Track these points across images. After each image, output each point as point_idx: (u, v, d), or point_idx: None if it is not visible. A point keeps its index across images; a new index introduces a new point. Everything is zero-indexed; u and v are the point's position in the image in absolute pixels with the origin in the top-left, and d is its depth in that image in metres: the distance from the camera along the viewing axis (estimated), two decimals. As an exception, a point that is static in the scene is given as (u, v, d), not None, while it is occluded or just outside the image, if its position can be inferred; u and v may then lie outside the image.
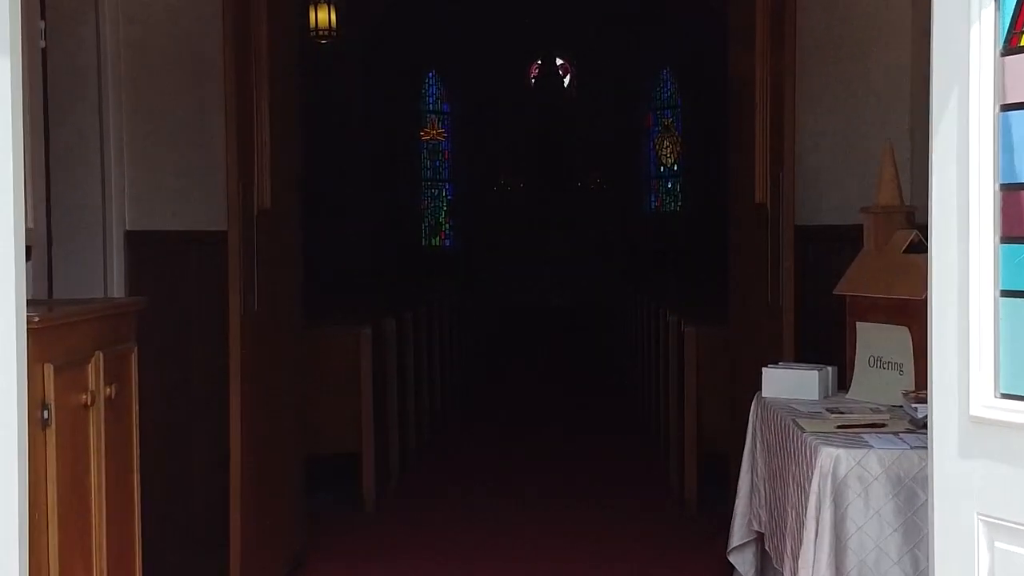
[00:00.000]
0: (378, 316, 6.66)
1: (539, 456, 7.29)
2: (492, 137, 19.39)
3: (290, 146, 4.61)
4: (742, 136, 4.54)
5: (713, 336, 5.66)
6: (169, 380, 4.55)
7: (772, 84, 4.17)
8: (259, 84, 4.23)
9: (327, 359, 5.73)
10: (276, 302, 4.32)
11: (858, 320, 3.61)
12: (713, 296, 9.06)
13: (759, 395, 3.67)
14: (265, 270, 4.19)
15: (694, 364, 5.64)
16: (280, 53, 4.49)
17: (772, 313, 4.12)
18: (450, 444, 7.74)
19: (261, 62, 4.24)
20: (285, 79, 4.57)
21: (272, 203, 4.29)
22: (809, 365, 3.67)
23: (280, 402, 4.47)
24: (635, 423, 8.36)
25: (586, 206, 19.21)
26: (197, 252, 4.57)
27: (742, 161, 4.56)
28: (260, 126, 4.24)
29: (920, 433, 2.98)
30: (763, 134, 4.27)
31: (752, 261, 4.42)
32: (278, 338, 4.37)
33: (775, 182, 4.09)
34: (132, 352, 3.27)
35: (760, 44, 4.27)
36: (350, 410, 5.76)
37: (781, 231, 4.01)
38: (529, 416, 8.89)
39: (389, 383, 6.33)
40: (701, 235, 18.80)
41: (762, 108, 4.28)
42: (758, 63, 4.29)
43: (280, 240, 4.39)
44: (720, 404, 5.63)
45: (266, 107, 4.27)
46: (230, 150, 3.97)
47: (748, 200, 4.43)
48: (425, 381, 7.60)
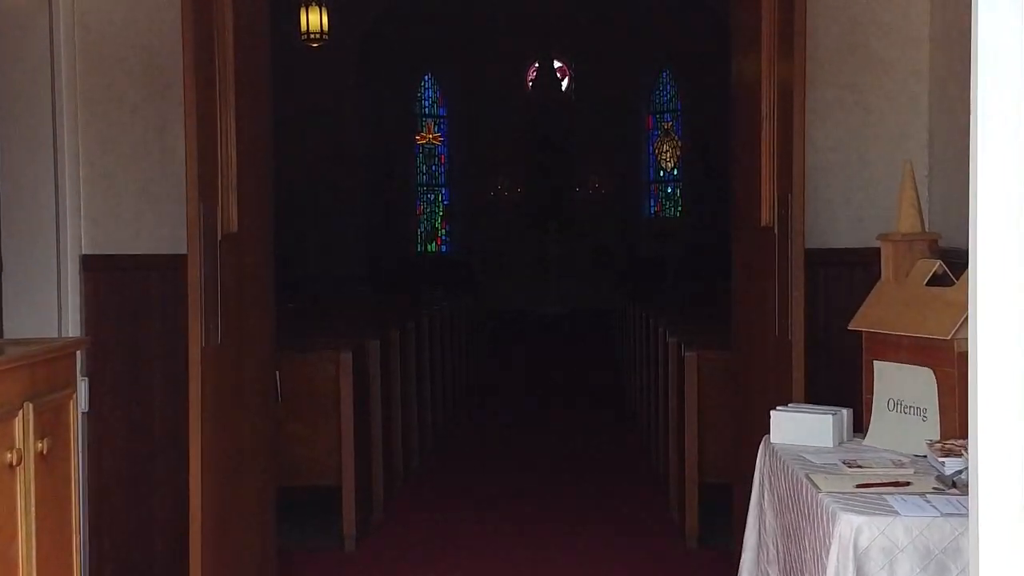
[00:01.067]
0: (363, 334, 6.34)
1: (533, 479, 6.96)
2: (489, 141, 19.05)
3: (260, 164, 4.27)
4: (746, 150, 4.21)
5: (715, 361, 5.34)
6: (130, 415, 4.23)
7: (780, 94, 3.84)
8: (224, 96, 3.89)
9: (305, 385, 5.41)
10: (243, 333, 3.99)
11: (876, 359, 3.28)
12: (714, 312, 8.77)
13: (767, 440, 3.34)
14: (230, 299, 3.86)
15: (695, 390, 5.32)
16: (249, 62, 4.16)
17: (780, 346, 3.79)
18: (439, 468, 7.41)
19: (226, 72, 3.91)
20: (255, 91, 4.24)
21: (239, 226, 3.96)
22: (822, 408, 3.34)
23: (248, 438, 4.14)
24: (634, 445, 8.04)
25: (584, 211, 18.87)
26: (159, 278, 4.25)
27: (746, 178, 4.23)
28: (225, 143, 3.91)
29: (950, 495, 2.66)
30: (769, 150, 3.94)
31: (757, 287, 4.09)
32: (245, 371, 4.04)
33: (783, 203, 3.75)
34: (70, 399, 2.95)
35: (766, 50, 3.95)
36: (330, 439, 5.43)
37: (790, 257, 3.67)
38: (523, 436, 8.54)
39: (373, 408, 6.00)
40: (702, 240, 18.50)
41: (769, 121, 3.95)
42: (764, 71, 3.96)
43: (248, 266, 4.06)
44: (723, 433, 5.32)
45: (232, 122, 3.93)
46: (190, 169, 3.64)
47: (753, 221, 4.10)
48: (414, 403, 7.28)
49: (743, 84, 4.31)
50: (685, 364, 5.34)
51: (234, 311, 3.90)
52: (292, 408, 5.37)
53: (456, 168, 20.72)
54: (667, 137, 20.59)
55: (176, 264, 4.03)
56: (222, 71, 3.91)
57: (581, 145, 19.05)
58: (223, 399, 3.85)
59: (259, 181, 4.25)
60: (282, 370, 5.30)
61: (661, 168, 20.82)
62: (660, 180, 20.87)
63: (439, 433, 8.42)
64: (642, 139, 20.76)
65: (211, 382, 3.74)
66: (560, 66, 19.96)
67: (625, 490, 6.65)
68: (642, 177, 20.71)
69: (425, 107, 20.58)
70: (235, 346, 3.91)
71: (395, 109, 19.47)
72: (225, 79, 3.92)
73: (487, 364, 13.04)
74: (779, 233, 3.80)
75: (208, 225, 3.73)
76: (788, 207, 3.71)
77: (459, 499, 6.48)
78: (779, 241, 3.80)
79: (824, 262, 4.17)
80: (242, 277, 4.01)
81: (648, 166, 20.86)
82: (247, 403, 4.07)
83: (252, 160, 4.17)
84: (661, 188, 20.89)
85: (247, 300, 4.05)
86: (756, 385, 4.09)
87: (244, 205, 4.03)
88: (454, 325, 9.95)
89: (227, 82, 3.92)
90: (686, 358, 5.33)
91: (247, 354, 4.05)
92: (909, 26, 4.15)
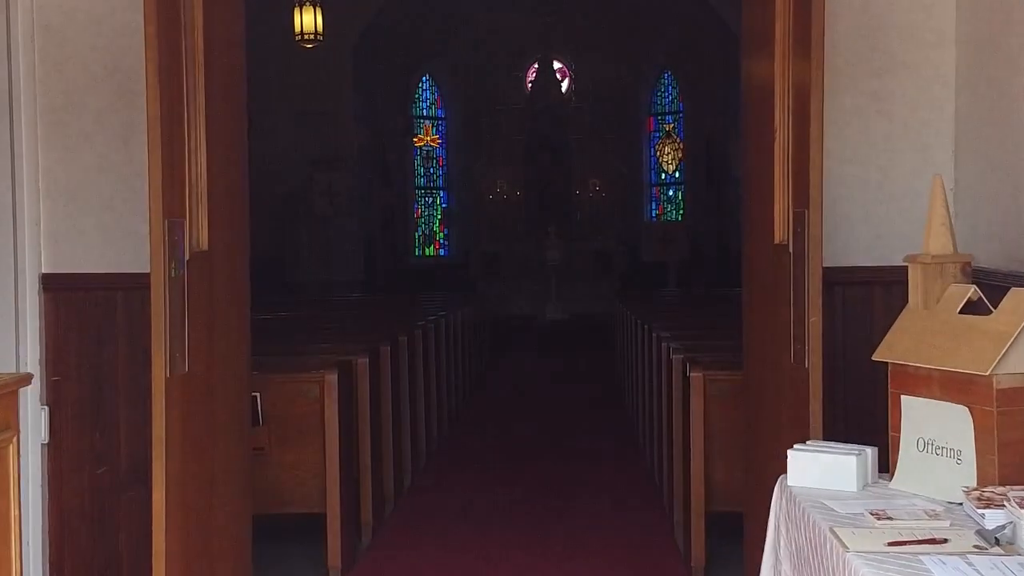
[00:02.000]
0: (354, 347, 6.05)
1: (530, 501, 6.66)
2: (488, 144, 18.75)
3: (235, 175, 3.98)
4: (758, 161, 3.92)
5: (723, 381, 5.04)
6: (94, 445, 3.93)
7: (795, 101, 3.54)
8: (192, 103, 3.60)
9: (288, 408, 5.11)
10: (214, 359, 3.69)
11: (903, 393, 2.98)
12: (717, 320, 8.48)
13: (783, 482, 3.04)
14: (200, 323, 3.57)
15: (701, 413, 5.01)
16: (223, 66, 3.86)
17: (795, 374, 3.49)
18: (433, 488, 7.10)
19: (196, 77, 3.62)
20: (229, 97, 3.94)
21: (210, 243, 3.66)
22: (845, 448, 3.04)
23: (220, 471, 3.84)
24: (636, 463, 7.73)
25: (585, 215, 18.57)
26: (125, 298, 3.96)
27: (758, 190, 3.93)
28: (194, 153, 3.61)
29: (995, 555, 2.36)
30: (784, 161, 3.65)
31: (770, 308, 3.79)
32: (216, 400, 3.74)
33: (799, 219, 3.45)
34: (10, 442, 2.65)
35: (780, 54, 3.65)
36: (315, 465, 5.13)
37: (807, 279, 3.37)
38: (519, 454, 8.19)
39: (362, 429, 5.70)
40: (705, 244, 18.20)
41: (783, 129, 3.65)
42: (778, 76, 3.66)
43: (220, 287, 3.76)
44: (732, 458, 5.02)
45: (202, 130, 3.64)
46: (153, 183, 3.35)
47: (766, 237, 3.80)
48: (407, 420, 6.98)
49: (754, 90, 4.02)
50: (691, 384, 5.04)
51: (203, 336, 3.61)
52: (274, 432, 5.07)
53: (454, 171, 20.43)
54: (668, 139, 20.29)
55: (143, 283, 3.71)
56: (191, 75, 3.62)
57: (581, 147, 18.74)
58: (191, 431, 3.55)
59: (233, 194, 3.95)
60: (263, 392, 5.01)
61: (662, 171, 20.52)
62: (662, 183, 20.57)
63: (433, 451, 8.12)
64: (643, 141, 20.47)
65: (177, 414, 3.45)
66: (560, 67, 19.66)
67: (627, 514, 6.34)
68: (643, 180, 20.41)
69: (423, 109, 20.28)
70: (204, 374, 3.62)
71: (392, 111, 19.18)
72: (195, 84, 3.63)
73: (485, 375, 12.74)
74: (795, 251, 3.50)
75: (174, 244, 3.44)
76: (805, 223, 3.41)
77: (452, 522, 6.17)
78: (795, 260, 3.51)
79: (841, 281, 3.88)
80: (213, 299, 3.71)
81: (649, 168, 20.56)
82: (218, 434, 3.77)
83: (225, 171, 3.87)
84: (662, 191, 20.59)
85: (219, 323, 3.75)
86: (768, 416, 3.79)
87: (216, 220, 3.74)
88: (451, 335, 9.64)
89: (197, 87, 3.63)
90: (692, 378, 5.03)
91: (219, 382, 3.75)
92: (933, 27, 3.85)
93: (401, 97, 19.24)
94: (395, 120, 19.15)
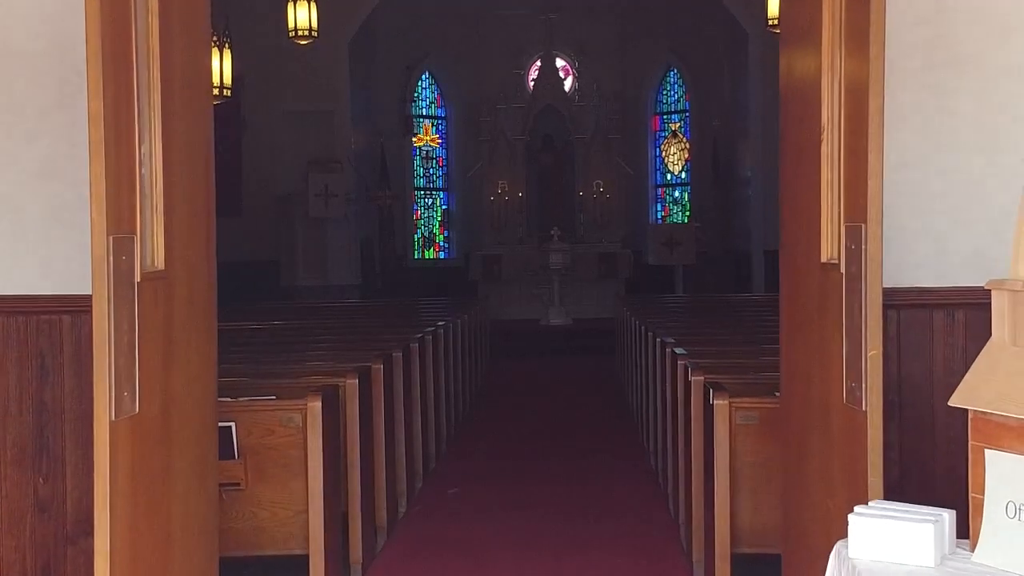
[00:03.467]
0: (344, 365, 5.57)
1: (532, 527, 6.15)
2: (489, 143, 18.24)
3: (199, 184, 3.48)
4: (799, 167, 3.41)
5: (750, 408, 4.54)
6: (37, 493, 3.43)
7: (847, 98, 3.03)
8: (146, 97, 3.10)
9: (267, 437, 4.61)
10: (171, 397, 3.19)
11: (988, 447, 2.48)
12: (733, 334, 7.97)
13: (842, 551, 2.54)
14: (154, 355, 3.07)
15: (727, 445, 4.51)
16: (184, 60, 3.36)
17: (849, 417, 2.99)
18: (430, 515, 6.59)
19: (150, 70, 3.11)
20: (192, 95, 3.44)
21: (168, 262, 3.16)
22: (917, 511, 2.54)
23: (179, 521, 3.33)
24: (647, 483, 7.23)
25: (588, 216, 18.05)
26: (72, 323, 3.45)
27: (800, 201, 3.43)
28: (149, 157, 3.11)
29: None
30: (833, 167, 3.14)
31: (815, 336, 3.28)
32: (175, 443, 3.24)
33: (853, 235, 2.95)
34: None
35: (829, 45, 3.14)
36: (297, 501, 4.63)
37: (864, 305, 2.87)
38: (522, 475, 7.65)
39: (351, 457, 5.21)
40: (712, 248, 17.69)
41: (831, 131, 3.15)
42: (825, 70, 3.16)
43: (179, 311, 3.26)
44: (761, 494, 4.53)
45: (157, 129, 3.14)
46: (95, 192, 2.85)
47: (809, 255, 3.30)
48: (402, 443, 6.48)
49: (795, 87, 3.51)
50: (715, 413, 4.54)
51: (158, 371, 3.11)
52: (251, 466, 4.57)
53: (455, 171, 19.92)
54: (674, 139, 19.77)
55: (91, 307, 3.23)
56: (144, 63, 3.11)
57: (585, 147, 18.22)
58: (143, 482, 3.05)
59: (196, 205, 3.45)
60: (238, 421, 4.52)
61: (668, 171, 20.01)
62: (667, 184, 20.05)
63: (431, 471, 7.61)
64: (648, 141, 19.95)
65: (126, 463, 2.95)
66: (563, 65, 19.14)
67: (641, 545, 5.84)
68: (648, 181, 19.90)
69: (422, 107, 19.77)
70: (159, 415, 3.11)
71: (390, 109, 18.68)
72: (149, 74, 3.12)
73: (486, 386, 12.22)
74: (848, 272, 2.99)
75: (121, 263, 2.93)
76: (861, 240, 2.90)
77: (451, 556, 5.67)
78: (848, 282, 3.00)
79: (896, 304, 3.38)
80: (171, 326, 3.21)
81: (654, 169, 20.05)
82: (176, 483, 3.27)
83: (187, 178, 3.37)
84: (668, 192, 20.07)
85: (178, 355, 3.24)
86: (813, 462, 3.28)
87: (175, 236, 3.24)
88: (451, 347, 9.13)
89: (151, 78, 3.13)
90: (716, 407, 4.52)
91: (177, 423, 3.25)
92: (1001, 12, 3.35)
93: (400, 95, 18.72)
94: (393, 119, 18.63)
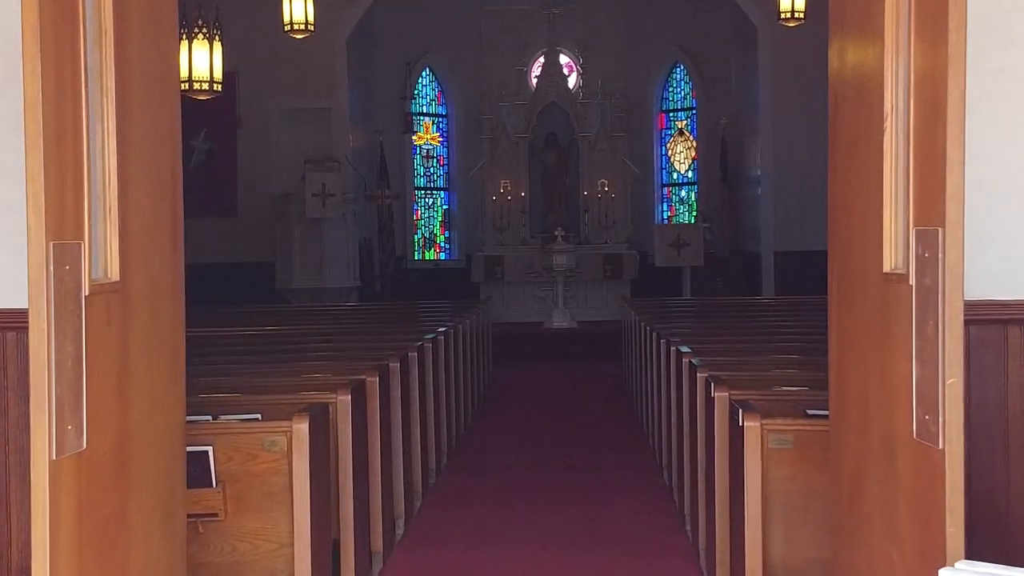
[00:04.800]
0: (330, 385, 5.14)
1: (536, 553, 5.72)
2: (491, 142, 17.78)
3: (163, 184, 3.04)
4: (854, 164, 2.97)
5: (783, 431, 4.10)
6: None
7: (918, 85, 2.59)
8: (98, 82, 2.66)
9: (248, 462, 4.17)
10: (127, 428, 2.75)
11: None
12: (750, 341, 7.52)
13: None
14: (106, 381, 2.63)
15: (759, 473, 4.06)
16: (144, 33, 2.92)
17: (921, 455, 2.55)
18: (429, 538, 6.15)
19: (102, 46, 2.68)
20: (154, 76, 3.00)
21: (124, 273, 2.73)
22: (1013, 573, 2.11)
23: (139, 560, 2.90)
24: (662, 501, 6.79)
25: (593, 216, 17.60)
26: (16, 342, 3.01)
27: (853, 202, 2.99)
28: (101, 152, 2.67)
29: None
30: (897, 163, 2.70)
31: (875, 358, 2.84)
32: (132, 481, 2.80)
33: (926, 240, 2.51)
34: None
35: (893, 26, 2.71)
36: (282, 532, 4.19)
37: (941, 324, 2.43)
38: (526, 494, 7.15)
39: (343, 480, 4.77)
40: (721, 249, 17.24)
41: (894, 123, 2.71)
42: (888, 58, 2.72)
43: (138, 330, 2.82)
44: (796, 526, 4.09)
45: (111, 120, 2.70)
46: (33, 191, 2.42)
47: (867, 262, 2.86)
48: (400, 460, 6.04)
49: (849, 78, 3.07)
50: (745, 437, 4.09)
51: (111, 399, 2.67)
52: (231, 494, 4.13)
53: (456, 171, 19.47)
54: (681, 137, 19.32)
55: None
56: (97, 48, 2.68)
57: (589, 146, 17.75)
58: (91, 527, 2.61)
59: (160, 206, 3.01)
60: (216, 444, 4.08)
61: (674, 170, 19.56)
62: (674, 183, 19.60)
63: (430, 490, 7.17)
64: (654, 139, 19.50)
65: (70, 506, 2.52)
66: (567, 61, 18.69)
67: (657, 573, 5.40)
68: (654, 180, 19.45)
69: (423, 105, 19.32)
70: (112, 450, 2.67)
71: (389, 107, 18.23)
72: (102, 55, 2.69)
73: (488, 395, 11.78)
74: (920, 285, 2.55)
75: (64, 273, 2.50)
76: (937, 247, 2.46)
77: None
78: (919, 297, 2.56)
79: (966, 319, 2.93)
80: (127, 347, 2.77)
81: (660, 168, 19.59)
82: (134, 525, 2.83)
83: (149, 177, 2.93)
84: (674, 192, 19.62)
85: (135, 380, 2.80)
86: (872, 507, 2.84)
87: (133, 241, 2.80)
88: (452, 354, 8.68)
89: (104, 60, 2.69)
90: (747, 429, 4.07)
91: (137, 455, 2.81)
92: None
93: (399, 92, 18.27)
94: (393, 117, 18.18)
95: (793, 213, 15.74)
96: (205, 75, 9.82)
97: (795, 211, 15.73)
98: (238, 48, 14.68)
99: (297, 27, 12.26)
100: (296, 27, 12.27)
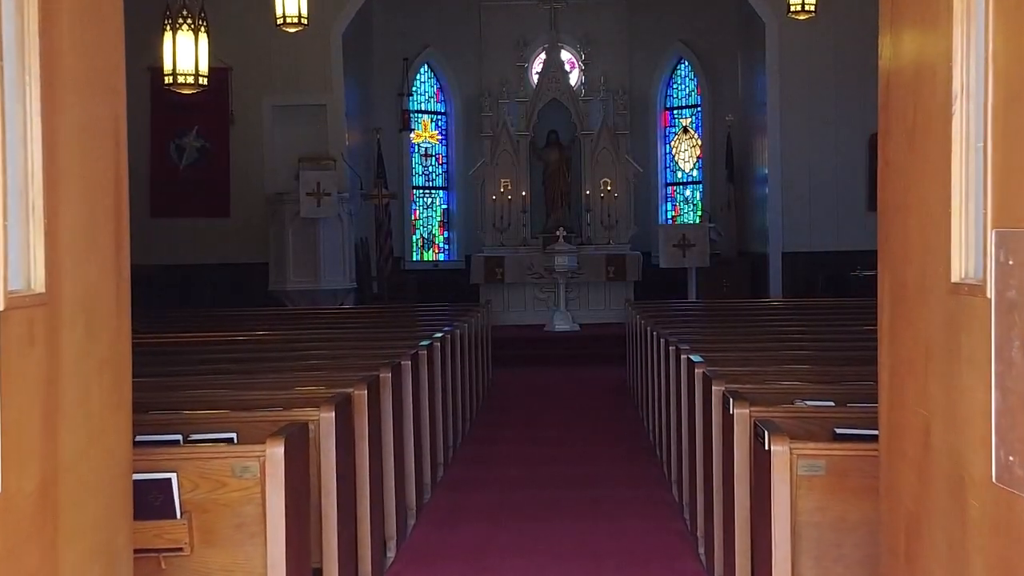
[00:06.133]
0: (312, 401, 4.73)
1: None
2: (491, 140, 17.36)
3: (104, 176, 2.61)
4: (913, 155, 2.55)
5: (815, 456, 3.69)
6: None
7: (999, 63, 2.17)
8: (14, 61, 2.24)
9: (217, 491, 3.75)
10: (56, 464, 2.33)
11: None
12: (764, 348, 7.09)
13: None
14: (28, 410, 2.21)
15: (787, 503, 3.64)
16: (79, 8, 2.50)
17: (1000, 500, 2.12)
18: (422, 561, 5.73)
19: (24, 15, 2.26)
20: (91, 46, 2.58)
21: (52, 283, 2.30)
22: None
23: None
24: (674, 533, 6.37)
25: (596, 216, 17.17)
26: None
27: (911, 203, 2.56)
28: (22, 138, 2.26)
29: None
30: (967, 157, 2.28)
31: (936, 382, 2.42)
32: (62, 525, 2.37)
33: (1008, 246, 2.08)
34: None
35: (962, 13, 2.29)
36: (255, 567, 3.77)
37: None
38: (527, 513, 6.74)
39: (325, 507, 4.36)
40: (725, 250, 16.83)
41: (964, 109, 2.28)
42: (958, 47, 2.31)
43: (71, 350, 2.40)
44: (827, 562, 3.67)
45: (35, 97, 2.28)
46: (-70, 187, 1.99)
47: (929, 271, 2.43)
48: (391, 479, 5.62)
49: (905, 65, 2.65)
50: (772, 462, 3.66)
51: (34, 430, 2.24)
52: (198, 525, 3.71)
53: (455, 169, 19.06)
54: (685, 135, 18.91)
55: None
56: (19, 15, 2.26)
57: (591, 144, 17.34)
58: None
59: (100, 205, 2.58)
60: (181, 471, 3.66)
61: (679, 169, 19.14)
62: (678, 182, 19.18)
63: (424, 507, 6.75)
64: (658, 137, 19.09)
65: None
66: (569, 58, 18.27)
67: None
68: (658, 179, 19.03)
69: (421, 102, 18.90)
70: (37, 490, 2.25)
71: (387, 104, 17.82)
72: (20, 32, 2.27)
73: (487, 401, 11.36)
74: (1000, 298, 2.13)
75: (-28, 286, 2.07)
76: (1023, 253, 2.04)
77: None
78: (1000, 312, 2.13)
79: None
80: (57, 367, 2.34)
81: (664, 167, 19.18)
82: (67, 573, 2.40)
83: (85, 172, 2.51)
84: (679, 191, 19.21)
85: (67, 407, 2.38)
86: (937, 558, 2.41)
87: (63, 246, 2.37)
88: (449, 360, 8.26)
89: (24, 39, 2.27)
90: (774, 454, 3.65)
91: (69, 496, 2.39)
92: None
93: (397, 89, 17.86)
94: (390, 114, 17.76)
95: (801, 213, 15.34)
96: (190, 68, 9.39)
97: (803, 211, 15.33)
98: (231, 43, 14.27)
99: (290, 21, 11.84)
100: (289, 21, 11.85)
